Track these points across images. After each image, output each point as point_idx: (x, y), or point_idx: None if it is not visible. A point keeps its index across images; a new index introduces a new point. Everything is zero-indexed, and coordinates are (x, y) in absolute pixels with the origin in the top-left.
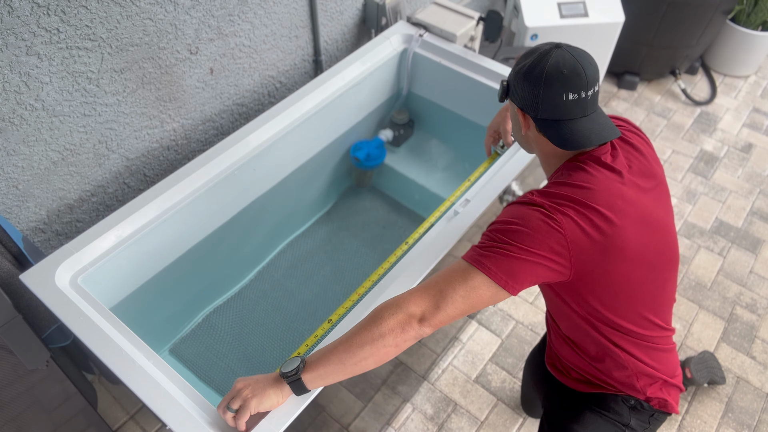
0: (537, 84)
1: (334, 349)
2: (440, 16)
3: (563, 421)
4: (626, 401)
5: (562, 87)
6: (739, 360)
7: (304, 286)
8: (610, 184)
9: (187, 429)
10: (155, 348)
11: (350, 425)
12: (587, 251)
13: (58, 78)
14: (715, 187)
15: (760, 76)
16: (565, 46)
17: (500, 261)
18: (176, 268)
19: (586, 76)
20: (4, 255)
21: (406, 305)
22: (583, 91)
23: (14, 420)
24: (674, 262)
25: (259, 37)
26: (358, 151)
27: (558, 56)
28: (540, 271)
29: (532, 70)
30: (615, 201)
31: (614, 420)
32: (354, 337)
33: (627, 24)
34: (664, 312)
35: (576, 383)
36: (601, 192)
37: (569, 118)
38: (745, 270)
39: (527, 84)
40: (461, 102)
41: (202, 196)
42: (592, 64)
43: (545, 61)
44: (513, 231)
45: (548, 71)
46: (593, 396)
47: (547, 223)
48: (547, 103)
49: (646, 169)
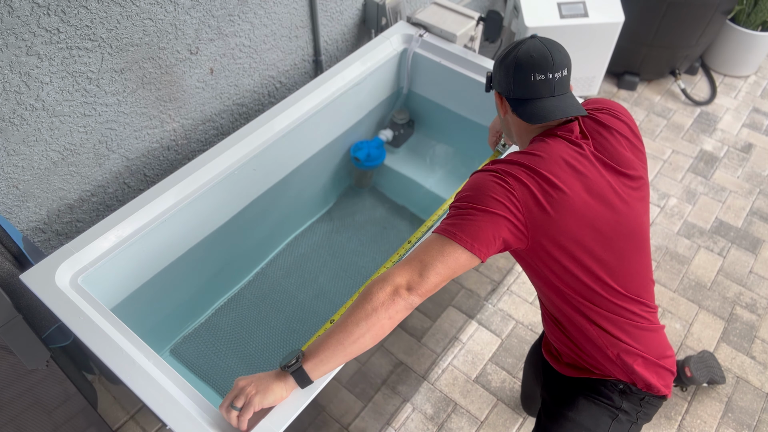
0: (509, 67)
1: (331, 332)
2: (440, 16)
3: (558, 408)
4: (615, 386)
5: (531, 69)
6: (739, 360)
7: (304, 285)
8: (563, 153)
9: (187, 429)
10: (155, 348)
11: (350, 425)
12: (536, 210)
13: (58, 78)
14: (715, 187)
15: (760, 76)
16: (538, 37)
17: (464, 226)
18: (176, 268)
19: (553, 59)
20: (4, 255)
21: (392, 278)
22: (549, 73)
23: (14, 420)
24: (634, 235)
25: (259, 37)
26: (359, 151)
27: (529, 44)
28: (500, 230)
29: (507, 56)
30: (563, 168)
31: (607, 404)
32: (348, 317)
33: (627, 24)
34: (635, 285)
35: (567, 368)
36: (552, 159)
37: (537, 97)
38: (745, 270)
39: (502, 68)
40: (461, 102)
41: (202, 196)
42: (561, 51)
43: (518, 48)
44: (471, 197)
45: (519, 56)
46: (585, 382)
47: (499, 184)
48: (518, 83)
49: (616, 151)
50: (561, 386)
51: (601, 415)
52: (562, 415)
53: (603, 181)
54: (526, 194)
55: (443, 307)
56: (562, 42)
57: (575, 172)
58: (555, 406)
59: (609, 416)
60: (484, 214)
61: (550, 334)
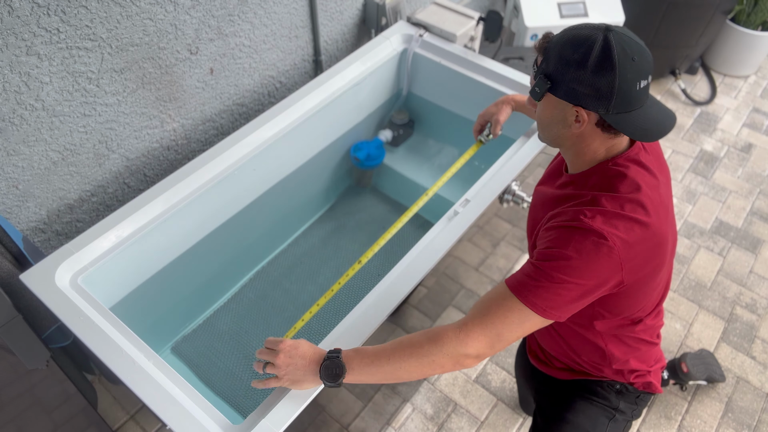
0: (605, 74)
1: (379, 361)
2: (440, 16)
3: (555, 410)
4: (612, 386)
5: (636, 75)
6: (739, 360)
7: (304, 285)
8: (653, 192)
9: (187, 429)
10: (156, 347)
11: (350, 425)
12: (641, 266)
13: (58, 78)
14: (715, 187)
15: (760, 76)
16: (614, 28)
17: (554, 299)
18: (176, 268)
19: (649, 59)
20: (4, 255)
21: (464, 347)
22: (649, 76)
23: (14, 420)
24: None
25: (259, 37)
26: (359, 151)
27: (618, 41)
28: (591, 298)
29: (602, 61)
30: (658, 206)
31: (604, 405)
32: (404, 360)
33: (627, 24)
34: (663, 297)
35: (560, 372)
36: (648, 201)
37: (639, 107)
38: (745, 270)
39: (594, 77)
40: (461, 102)
41: (202, 196)
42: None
43: (611, 49)
44: (565, 266)
45: (619, 60)
46: (580, 383)
47: (606, 255)
48: (621, 94)
49: (657, 152)
50: (555, 389)
51: (598, 416)
52: (560, 417)
53: (670, 203)
54: (634, 256)
55: (443, 307)
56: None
57: (660, 203)
58: (550, 408)
59: (606, 417)
60: (578, 288)
61: (542, 340)
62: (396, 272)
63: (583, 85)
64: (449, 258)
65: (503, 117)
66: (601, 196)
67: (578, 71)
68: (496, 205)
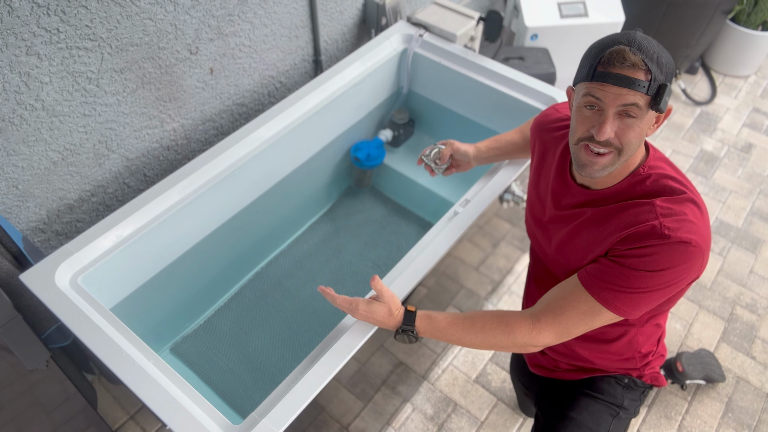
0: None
1: (455, 327)
2: (440, 16)
3: (558, 409)
4: (620, 381)
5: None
6: (739, 360)
7: (304, 286)
8: (685, 179)
9: (187, 429)
10: (156, 348)
11: (350, 425)
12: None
13: (58, 78)
14: (715, 187)
15: (760, 76)
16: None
17: (639, 306)
18: (176, 268)
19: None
20: (4, 255)
21: (534, 340)
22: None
23: (14, 420)
24: None
25: (259, 37)
26: (359, 151)
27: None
28: (669, 295)
29: (672, 66)
30: (694, 189)
31: (608, 402)
32: (477, 334)
33: (627, 24)
34: None
35: (567, 374)
36: (695, 191)
37: None
38: (745, 270)
39: (672, 79)
40: (461, 102)
41: (202, 196)
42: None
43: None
44: (657, 276)
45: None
46: (585, 381)
47: (693, 256)
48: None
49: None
50: (558, 390)
51: (602, 414)
52: (563, 415)
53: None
54: (707, 249)
55: (443, 307)
56: (563, 42)
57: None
58: (553, 407)
59: (610, 414)
60: (669, 293)
61: (556, 354)
62: (396, 272)
63: (669, 88)
64: (449, 258)
65: (456, 151)
66: (665, 203)
67: (674, 75)
68: (496, 205)
